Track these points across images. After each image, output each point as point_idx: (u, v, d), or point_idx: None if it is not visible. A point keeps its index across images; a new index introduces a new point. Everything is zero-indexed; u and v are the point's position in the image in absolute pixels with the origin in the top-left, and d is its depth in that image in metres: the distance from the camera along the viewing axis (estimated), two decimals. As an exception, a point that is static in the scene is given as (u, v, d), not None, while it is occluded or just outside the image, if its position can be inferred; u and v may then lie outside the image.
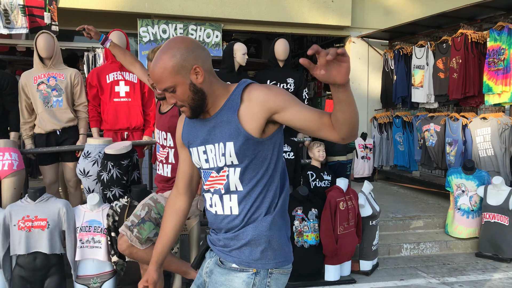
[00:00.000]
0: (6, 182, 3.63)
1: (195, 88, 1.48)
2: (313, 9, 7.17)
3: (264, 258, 1.56)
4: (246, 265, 1.55)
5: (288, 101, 1.47)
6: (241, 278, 1.54)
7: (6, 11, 6.02)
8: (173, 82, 1.45)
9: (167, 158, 2.82)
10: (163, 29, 6.65)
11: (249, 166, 1.53)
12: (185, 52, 1.45)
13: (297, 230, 3.84)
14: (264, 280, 1.55)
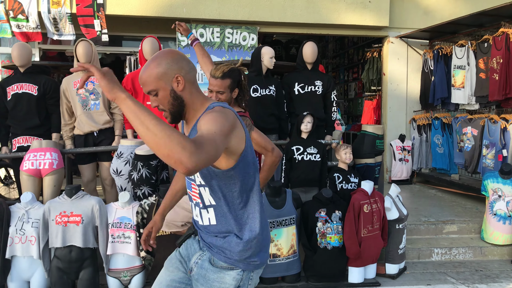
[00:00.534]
0: (47, 180, 3.92)
1: (175, 94, 1.64)
2: (350, 10, 7.14)
3: (248, 258, 1.76)
4: (234, 264, 1.76)
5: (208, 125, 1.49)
6: (231, 276, 1.75)
7: (55, 19, 6.43)
8: (156, 86, 1.62)
9: None
10: (201, 33, 6.85)
11: (216, 184, 1.69)
12: (170, 62, 1.63)
13: (320, 231, 3.88)
14: (249, 274, 1.78)
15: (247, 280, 1.78)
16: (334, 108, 4.67)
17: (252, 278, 1.80)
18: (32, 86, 4.20)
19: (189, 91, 1.66)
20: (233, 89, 2.79)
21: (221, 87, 2.74)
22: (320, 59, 12.23)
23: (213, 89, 2.76)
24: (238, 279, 1.74)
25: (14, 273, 3.63)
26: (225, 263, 1.75)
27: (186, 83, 1.65)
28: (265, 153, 2.73)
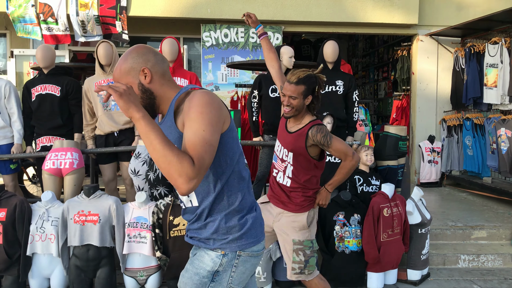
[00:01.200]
0: (67, 179, 4.00)
1: (143, 87, 1.65)
2: (377, 8, 6.97)
3: (230, 243, 1.72)
4: (214, 246, 1.73)
5: (195, 120, 1.53)
6: (210, 256, 1.73)
7: (83, 21, 6.57)
8: (126, 81, 1.65)
9: (285, 172, 2.89)
10: (225, 33, 6.85)
11: None
12: (135, 56, 1.65)
13: (338, 235, 3.79)
14: (232, 261, 1.73)
15: (230, 267, 1.73)
16: (356, 109, 4.55)
17: (237, 266, 1.74)
18: (55, 87, 4.30)
19: (158, 83, 1.66)
20: (307, 96, 2.76)
21: (294, 93, 2.72)
22: (349, 58, 12.11)
23: (286, 93, 2.75)
24: (217, 262, 1.72)
25: (35, 270, 3.72)
26: (206, 244, 1.74)
27: (153, 75, 1.65)
28: (345, 158, 2.77)
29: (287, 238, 2.89)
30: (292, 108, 2.79)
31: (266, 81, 4.33)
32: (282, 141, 2.93)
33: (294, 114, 2.81)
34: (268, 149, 4.42)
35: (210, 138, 1.52)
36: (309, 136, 2.76)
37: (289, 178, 2.88)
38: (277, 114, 4.34)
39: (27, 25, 6.49)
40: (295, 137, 2.82)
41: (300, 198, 2.87)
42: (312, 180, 2.89)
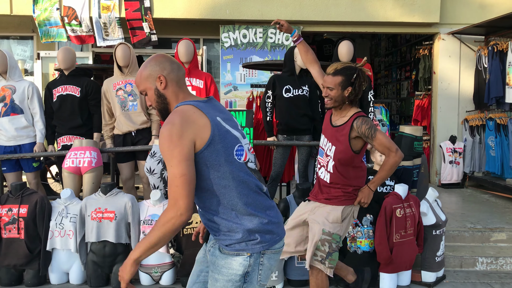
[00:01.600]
0: (86, 177, 4.13)
1: (158, 92, 1.84)
2: (397, 7, 6.89)
3: (253, 244, 1.80)
4: (240, 250, 1.81)
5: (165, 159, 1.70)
6: (238, 261, 1.81)
7: (105, 24, 6.74)
8: (144, 86, 1.85)
9: (326, 166, 2.93)
10: (244, 34, 6.91)
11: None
12: (154, 64, 1.84)
13: (350, 235, 3.79)
14: (258, 260, 1.82)
15: (257, 266, 1.81)
16: (371, 109, 4.53)
17: (262, 264, 1.82)
18: (75, 88, 4.44)
19: (171, 89, 1.83)
20: (345, 87, 2.77)
21: (330, 84, 2.77)
22: (372, 57, 11.98)
23: (324, 84, 2.82)
24: (246, 265, 1.79)
25: (55, 265, 3.86)
26: (231, 250, 1.81)
27: (168, 82, 1.83)
28: (388, 153, 2.78)
29: (318, 226, 2.90)
30: (330, 99, 2.81)
31: (280, 82, 4.36)
32: (327, 135, 2.95)
33: (334, 105, 2.83)
34: (282, 149, 4.45)
35: (178, 171, 1.67)
36: (353, 127, 2.76)
37: (329, 173, 2.89)
38: (290, 114, 4.37)
39: (52, 28, 6.70)
40: (339, 130, 2.83)
41: (339, 193, 2.88)
42: (352, 176, 2.88)
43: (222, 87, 7.02)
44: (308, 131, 4.49)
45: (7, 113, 4.36)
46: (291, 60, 4.35)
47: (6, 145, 4.44)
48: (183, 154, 1.68)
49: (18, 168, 4.51)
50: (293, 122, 4.38)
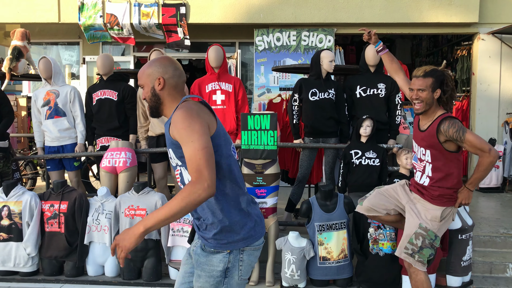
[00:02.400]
0: (121, 176, 4.38)
1: (154, 92, 1.95)
2: (434, 7, 6.79)
3: (233, 241, 1.91)
4: (220, 248, 1.92)
5: (184, 138, 1.77)
6: (218, 258, 1.92)
7: (145, 29, 7.06)
8: (143, 82, 1.97)
9: (424, 170, 3.00)
10: (277, 37, 7.03)
11: None
12: (158, 65, 1.95)
13: (372, 237, 3.83)
14: (237, 257, 1.93)
15: (237, 262, 1.92)
16: (399, 111, 4.53)
17: (242, 260, 1.93)
18: (113, 92, 4.71)
19: (168, 92, 1.94)
20: (435, 89, 2.84)
21: (421, 85, 2.83)
22: (412, 58, 11.75)
23: (414, 87, 2.87)
24: (225, 261, 1.91)
25: (91, 258, 4.13)
26: (212, 248, 1.92)
27: (166, 85, 1.94)
28: (481, 154, 2.79)
29: (415, 220, 2.97)
30: (421, 102, 2.85)
31: (306, 85, 4.45)
32: (416, 140, 3.01)
33: (425, 108, 2.86)
34: (309, 151, 4.54)
35: (199, 144, 1.74)
36: (441, 131, 2.80)
37: (428, 177, 2.95)
38: (316, 117, 4.44)
39: (97, 32, 7.12)
40: (428, 134, 2.88)
41: (439, 195, 2.94)
42: (451, 178, 2.91)
43: (255, 90, 7.18)
44: (335, 133, 4.56)
45: (52, 115, 4.70)
46: (318, 64, 4.43)
47: (50, 145, 4.78)
48: (204, 128, 1.77)
49: (61, 167, 4.84)
50: (319, 124, 4.46)
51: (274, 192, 4.13)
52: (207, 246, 1.95)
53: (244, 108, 4.62)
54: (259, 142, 4.13)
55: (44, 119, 4.73)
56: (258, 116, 4.11)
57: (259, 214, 2.02)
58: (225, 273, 1.93)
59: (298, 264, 3.81)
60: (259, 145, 4.13)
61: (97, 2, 6.96)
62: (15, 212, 4.08)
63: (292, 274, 3.83)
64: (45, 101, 4.71)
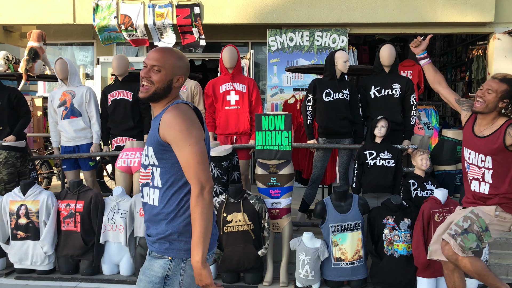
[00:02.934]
0: (136, 176, 4.42)
1: (169, 83, 1.93)
2: (448, 7, 6.73)
3: (177, 249, 1.89)
4: (162, 253, 1.90)
5: (181, 141, 1.81)
6: (159, 264, 1.89)
7: (160, 30, 7.11)
8: (165, 68, 1.91)
9: (482, 179, 2.96)
10: (290, 37, 7.02)
11: (165, 168, 1.90)
12: (184, 65, 1.98)
13: (387, 238, 3.81)
14: (179, 265, 1.89)
15: (178, 271, 1.88)
16: (414, 112, 4.50)
17: (185, 270, 1.88)
18: (128, 93, 4.75)
19: (175, 91, 1.97)
20: (504, 98, 2.80)
21: (492, 87, 2.81)
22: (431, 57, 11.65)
23: (485, 85, 2.85)
24: (165, 268, 1.87)
25: (106, 257, 4.17)
26: (155, 251, 1.91)
27: (179, 85, 1.98)
28: None
29: (467, 210, 2.94)
30: (483, 103, 2.82)
31: (321, 86, 4.44)
32: (473, 148, 2.96)
33: (483, 110, 2.83)
34: (322, 151, 4.53)
35: (198, 148, 1.81)
36: (509, 134, 2.77)
37: (488, 184, 2.91)
38: (330, 118, 4.43)
39: (111, 33, 7.18)
40: (490, 140, 2.85)
41: (500, 202, 2.90)
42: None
43: (268, 90, 7.18)
44: (349, 134, 4.54)
45: (67, 116, 4.76)
46: (332, 64, 4.42)
47: (66, 145, 4.84)
48: (200, 134, 1.85)
49: (77, 166, 4.90)
50: (333, 125, 4.45)
51: (288, 193, 4.13)
52: (151, 250, 1.94)
53: (258, 108, 4.63)
54: (273, 143, 4.13)
55: (60, 119, 4.79)
56: (273, 116, 4.11)
57: (215, 232, 2.01)
58: (164, 281, 1.88)
59: (312, 264, 3.81)
60: (273, 145, 4.14)
61: (111, 3, 7.02)
62: (32, 211, 4.14)
63: (306, 274, 3.83)
64: (61, 101, 4.77)
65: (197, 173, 1.80)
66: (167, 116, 1.85)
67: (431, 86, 3.28)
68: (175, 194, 1.90)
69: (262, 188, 4.16)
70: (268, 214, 3.99)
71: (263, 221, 3.93)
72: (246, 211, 3.87)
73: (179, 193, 1.90)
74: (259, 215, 3.94)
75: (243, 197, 3.92)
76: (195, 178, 1.80)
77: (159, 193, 1.92)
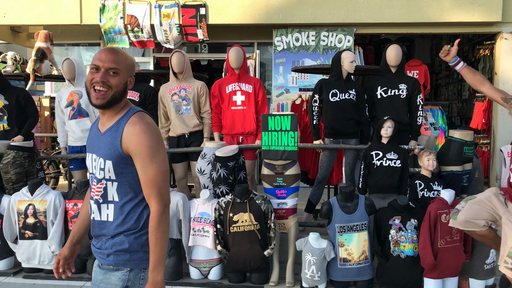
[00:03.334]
0: (143, 176, 4.43)
1: (125, 87, 1.84)
2: (455, 7, 6.70)
3: (137, 259, 1.83)
4: (120, 265, 1.82)
5: (148, 157, 1.75)
6: (117, 276, 1.82)
7: (165, 31, 7.12)
8: (122, 71, 1.80)
9: None
10: (296, 37, 7.02)
11: (124, 182, 1.82)
12: (133, 65, 1.91)
13: (393, 239, 3.80)
14: (139, 275, 1.84)
15: (137, 281, 1.83)
16: (420, 112, 4.49)
17: (144, 278, 1.84)
18: (134, 93, 4.78)
19: (127, 94, 1.88)
20: None
21: None
22: (432, 57, 11.62)
23: None
24: (125, 279, 1.81)
25: (113, 256, 4.19)
26: (111, 265, 1.82)
27: (130, 87, 1.88)
28: None
29: None
30: None
31: (327, 86, 4.44)
32: None
33: None
34: (329, 152, 4.53)
35: (163, 166, 1.78)
36: None
37: None
38: (337, 118, 4.43)
39: (116, 36, 7.19)
40: None
41: None
42: None
43: (274, 90, 7.19)
44: (355, 134, 4.54)
45: (75, 116, 4.79)
46: (338, 65, 4.42)
47: (73, 145, 4.87)
48: (165, 152, 1.83)
49: (84, 166, 4.92)
50: (339, 125, 4.45)
51: (294, 193, 4.14)
52: (105, 264, 1.85)
53: (264, 109, 4.64)
54: (280, 143, 4.14)
55: (67, 119, 4.82)
56: (279, 117, 4.12)
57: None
58: None
59: (319, 265, 3.81)
60: (280, 146, 4.14)
61: (117, 4, 7.05)
62: (40, 210, 4.17)
63: (312, 275, 3.83)
64: (69, 101, 4.80)
65: (161, 191, 1.76)
66: (134, 128, 1.76)
67: (474, 89, 3.18)
68: (134, 208, 1.84)
69: (268, 188, 4.16)
70: (274, 214, 4.00)
71: (269, 221, 3.94)
72: (252, 211, 3.88)
73: (138, 207, 1.84)
74: (265, 215, 3.94)
75: (249, 197, 3.93)
76: (159, 196, 1.76)
77: (115, 208, 1.84)
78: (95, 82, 1.77)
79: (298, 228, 4.17)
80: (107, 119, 1.85)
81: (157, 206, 1.75)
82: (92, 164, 1.88)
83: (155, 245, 1.73)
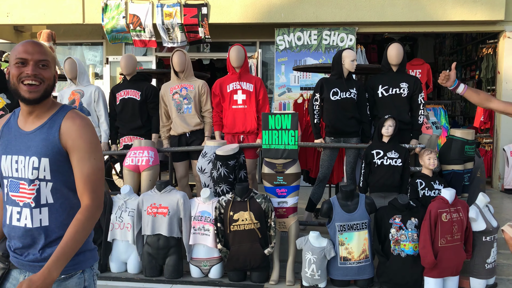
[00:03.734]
0: (144, 174, 4.45)
1: (55, 79, 1.75)
2: (458, 5, 6.67)
3: (85, 260, 1.77)
4: (72, 270, 1.72)
5: (87, 153, 1.69)
6: (74, 282, 1.73)
7: (168, 29, 7.14)
8: (50, 63, 1.72)
9: None
10: (298, 36, 7.02)
11: (59, 181, 1.72)
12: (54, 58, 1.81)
13: (394, 238, 3.80)
14: (91, 272, 1.80)
15: (91, 277, 1.79)
16: (421, 111, 4.47)
17: (96, 273, 1.83)
18: (136, 92, 4.79)
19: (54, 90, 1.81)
20: None
21: None
22: (436, 56, 11.57)
23: None
24: (81, 282, 1.75)
25: (114, 254, 4.21)
26: (63, 274, 1.69)
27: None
28: None
29: None
30: None
31: (328, 85, 4.43)
32: None
33: None
34: (330, 150, 4.52)
35: (101, 164, 1.73)
36: None
37: None
38: (338, 117, 4.42)
39: (119, 34, 7.22)
40: None
41: None
42: None
43: (276, 89, 7.18)
44: (356, 133, 4.53)
45: (76, 115, 4.79)
46: (339, 63, 4.41)
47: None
48: (102, 152, 1.78)
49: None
50: (340, 124, 4.44)
51: (295, 192, 4.14)
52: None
53: (265, 107, 4.64)
54: (280, 142, 4.14)
55: (69, 118, 4.83)
56: (279, 115, 4.12)
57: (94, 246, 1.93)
58: None
59: (319, 264, 3.81)
60: (280, 144, 4.14)
61: (120, 3, 7.07)
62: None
63: (312, 274, 3.83)
64: (70, 100, 4.82)
65: (96, 189, 1.70)
66: (74, 123, 1.70)
67: (483, 107, 3.13)
68: (71, 210, 1.74)
69: (268, 187, 4.17)
70: (275, 213, 4.00)
71: (269, 220, 3.94)
72: (253, 210, 3.88)
73: (74, 208, 1.74)
74: (265, 214, 3.95)
75: (250, 196, 3.93)
76: (93, 194, 1.69)
77: (50, 211, 1.71)
78: (25, 76, 1.65)
79: (299, 226, 4.17)
80: (36, 117, 1.73)
81: (90, 202, 1.68)
82: (13, 166, 1.71)
83: (71, 237, 1.61)
